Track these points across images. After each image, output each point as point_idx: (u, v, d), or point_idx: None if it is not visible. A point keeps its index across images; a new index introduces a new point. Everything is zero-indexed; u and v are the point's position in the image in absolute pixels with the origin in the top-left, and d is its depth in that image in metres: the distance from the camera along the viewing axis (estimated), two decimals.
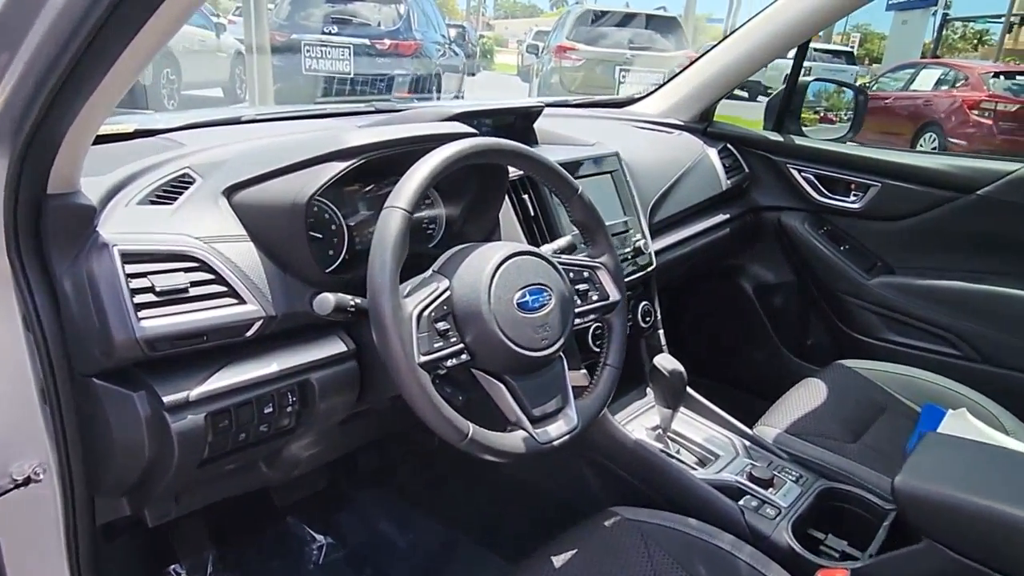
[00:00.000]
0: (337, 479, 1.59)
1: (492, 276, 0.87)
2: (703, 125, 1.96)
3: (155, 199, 0.95)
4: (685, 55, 8.32)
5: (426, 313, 0.83)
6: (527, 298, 0.89)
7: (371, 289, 0.80)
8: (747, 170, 1.94)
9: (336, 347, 0.97)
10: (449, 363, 0.84)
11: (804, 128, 1.96)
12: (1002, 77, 9.05)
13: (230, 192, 0.95)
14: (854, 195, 1.83)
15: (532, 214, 1.21)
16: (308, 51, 6.70)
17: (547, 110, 1.51)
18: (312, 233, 1.00)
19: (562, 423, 0.92)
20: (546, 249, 1.04)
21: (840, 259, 1.85)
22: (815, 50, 13.48)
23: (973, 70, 9.29)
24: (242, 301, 0.88)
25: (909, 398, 1.44)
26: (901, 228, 1.79)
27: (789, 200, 1.91)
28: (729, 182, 1.85)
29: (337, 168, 0.91)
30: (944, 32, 18.67)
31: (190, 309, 0.83)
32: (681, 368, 1.25)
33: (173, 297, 0.82)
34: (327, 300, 0.85)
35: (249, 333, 0.89)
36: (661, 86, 2.02)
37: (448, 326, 0.84)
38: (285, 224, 0.91)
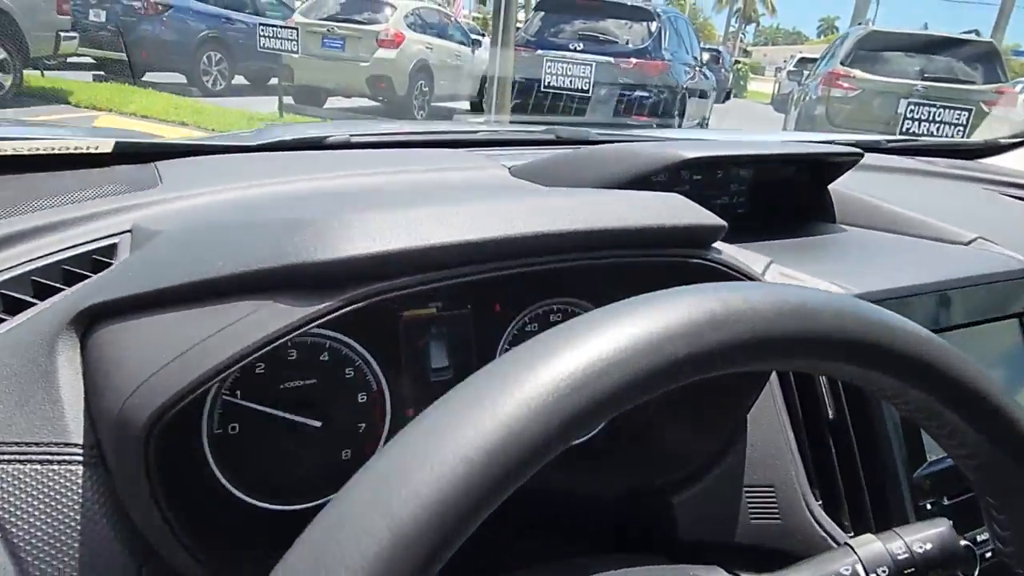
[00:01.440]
0: None
1: None
2: None
3: None
4: (995, 90, 6.70)
5: None
6: None
7: None
8: None
9: None
10: None
11: None
12: None
13: (91, 320, 0.40)
14: None
15: (831, 416, 0.51)
16: (548, 67, 6.56)
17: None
18: (281, 414, 0.43)
19: None
20: (878, 557, 0.35)
21: None
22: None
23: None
24: None
25: None
26: None
27: None
28: None
29: (302, 313, 0.32)
30: None
31: None
32: None
33: None
34: None
35: None
36: None
37: None
38: (120, 447, 0.33)
